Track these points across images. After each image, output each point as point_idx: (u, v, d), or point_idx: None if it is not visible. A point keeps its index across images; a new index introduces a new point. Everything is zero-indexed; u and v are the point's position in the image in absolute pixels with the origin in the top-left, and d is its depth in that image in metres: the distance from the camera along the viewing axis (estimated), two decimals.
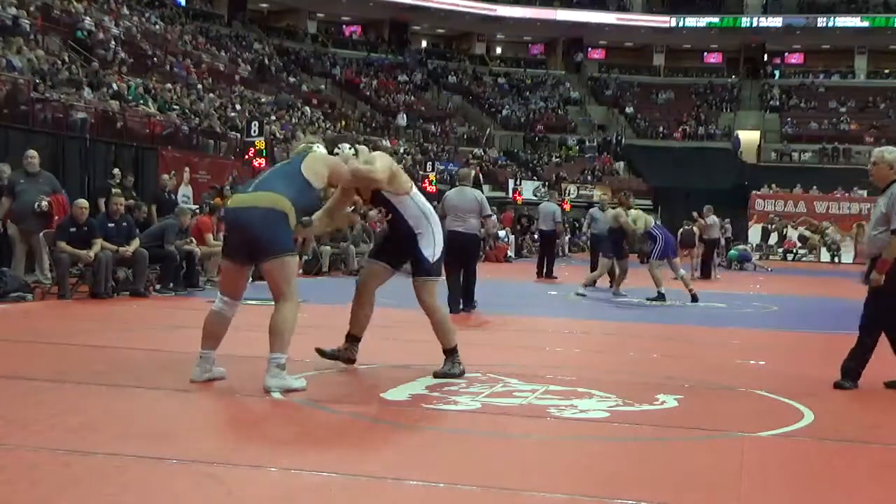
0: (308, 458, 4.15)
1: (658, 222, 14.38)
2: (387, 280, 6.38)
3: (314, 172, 5.70)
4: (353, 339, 6.36)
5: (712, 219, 21.36)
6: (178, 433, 4.49)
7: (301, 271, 17.01)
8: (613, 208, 14.95)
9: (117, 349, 7.16)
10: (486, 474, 3.94)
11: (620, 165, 47.17)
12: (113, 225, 11.44)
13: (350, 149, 6.07)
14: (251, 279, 15.60)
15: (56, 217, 11.10)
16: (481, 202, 11.14)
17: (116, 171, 14.97)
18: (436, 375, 6.08)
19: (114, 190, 12.86)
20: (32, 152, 11.51)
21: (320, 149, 5.99)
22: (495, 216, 16.89)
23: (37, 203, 10.95)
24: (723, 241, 28.20)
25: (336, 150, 6.04)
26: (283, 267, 5.50)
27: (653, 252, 13.63)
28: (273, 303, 5.61)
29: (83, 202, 11.21)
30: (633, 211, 14.07)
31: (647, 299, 13.31)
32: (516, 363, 6.80)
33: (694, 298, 13.39)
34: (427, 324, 6.27)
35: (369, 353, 6.55)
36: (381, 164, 6.00)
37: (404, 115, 42.86)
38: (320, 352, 6.31)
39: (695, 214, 21.67)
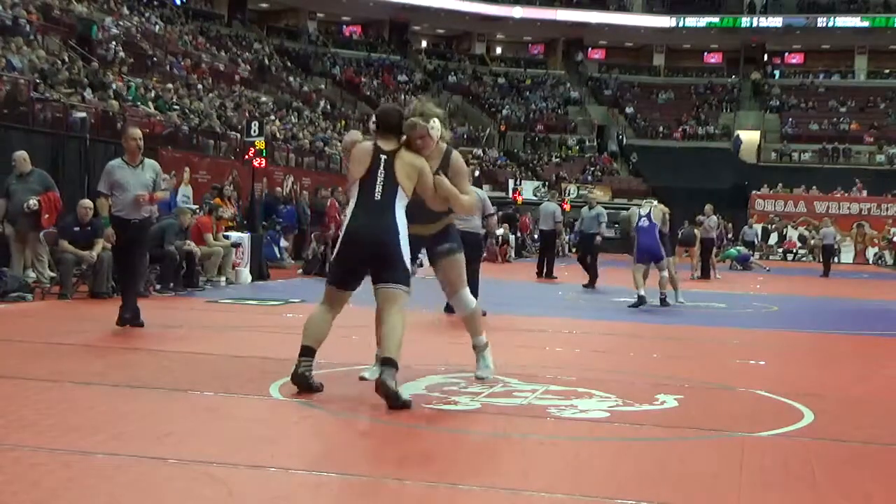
0: (308, 458, 4.15)
1: (643, 223, 13.15)
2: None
3: None
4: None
5: (712, 219, 21.32)
6: (178, 433, 4.48)
7: (301, 271, 17.06)
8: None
9: (117, 349, 7.15)
10: (486, 474, 3.94)
11: (620, 165, 47.19)
12: None
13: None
14: (251, 279, 15.47)
15: (46, 216, 11.05)
16: (483, 200, 11.04)
17: None
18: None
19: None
20: (20, 153, 11.44)
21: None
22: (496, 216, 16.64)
23: (25, 204, 10.94)
24: (725, 241, 28.17)
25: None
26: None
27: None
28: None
29: (87, 202, 11.02)
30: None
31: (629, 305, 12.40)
32: (516, 363, 6.79)
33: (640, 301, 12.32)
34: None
35: (369, 353, 6.54)
36: None
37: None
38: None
39: (699, 219, 21.35)
